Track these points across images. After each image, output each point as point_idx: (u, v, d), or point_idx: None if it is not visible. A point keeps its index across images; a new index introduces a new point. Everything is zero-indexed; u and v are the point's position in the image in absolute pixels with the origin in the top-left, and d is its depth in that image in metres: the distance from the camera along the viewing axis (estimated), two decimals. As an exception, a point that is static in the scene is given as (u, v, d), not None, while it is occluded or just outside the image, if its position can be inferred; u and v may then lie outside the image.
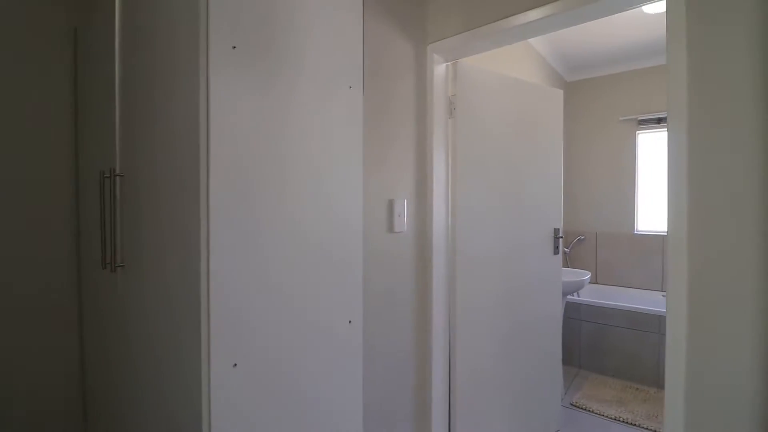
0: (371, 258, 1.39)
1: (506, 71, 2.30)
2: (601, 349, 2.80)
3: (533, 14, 1.36)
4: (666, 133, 3.08)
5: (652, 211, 3.21)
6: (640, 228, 3.24)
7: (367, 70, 1.35)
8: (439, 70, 1.68)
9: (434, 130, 1.66)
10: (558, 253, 2.15)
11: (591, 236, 3.42)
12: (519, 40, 1.58)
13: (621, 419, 2.23)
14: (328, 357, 1.08)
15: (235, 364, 0.87)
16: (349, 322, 1.19)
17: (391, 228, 1.49)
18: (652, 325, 2.61)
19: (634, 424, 2.19)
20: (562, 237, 2.17)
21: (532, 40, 2.77)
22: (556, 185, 2.14)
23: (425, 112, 1.66)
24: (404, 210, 1.54)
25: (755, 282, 1.00)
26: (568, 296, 2.89)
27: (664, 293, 3.03)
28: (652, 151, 3.19)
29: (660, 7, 2.15)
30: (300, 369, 1.01)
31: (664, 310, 2.69)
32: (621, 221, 3.28)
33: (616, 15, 2.49)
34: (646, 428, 2.15)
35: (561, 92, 2.15)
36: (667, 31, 1.11)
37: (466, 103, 1.75)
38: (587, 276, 2.52)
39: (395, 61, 1.51)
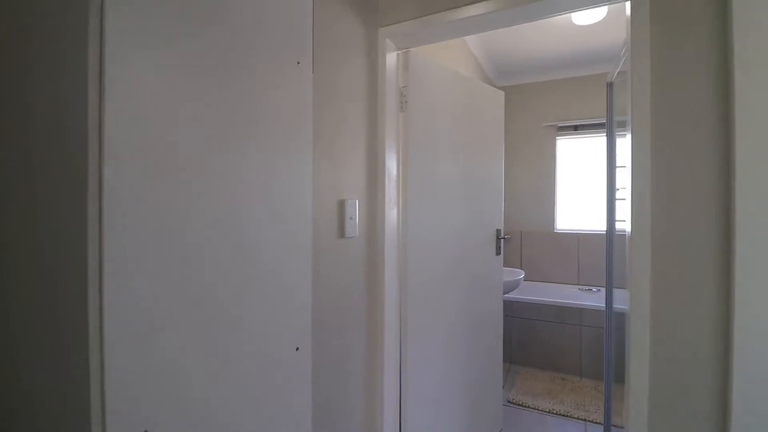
0: (320, 270, 1.19)
1: (449, 69, 2.25)
2: (530, 344, 2.93)
3: (489, 5, 1.29)
4: (581, 139, 3.25)
5: (569, 211, 3.47)
6: (559, 226, 3.48)
7: (314, 48, 1.14)
8: (391, 58, 1.53)
9: (386, 123, 1.51)
10: (500, 253, 2.16)
11: (516, 235, 3.59)
12: (473, 32, 1.51)
13: (554, 411, 2.32)
14: (271, 396, 0.87)
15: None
16: (297, 349, 0.99)
17: (342, 233, 1.30)
18: (575, 317, 2.79)
19: (566, 415, 2.29)
20: (504, 237, 2.18)
21: (470, 43, 2.78)
22: (498, 186, 2.14)
23: (376, 103, 1.50)
24: (356, 212, 1.36)
25: (713, 277, 1.03)
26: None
27: (581, 287, 3.29)
28: (569, 156, 3.45)
29: (589, 19, 2.27)
30: (235, 416, 0.78)
31: (586, 303, 2.93)
32: (543, 220, 3.49)
33: (547, 25, 2.62)
34: (577, 418, 2.26)
35: (503, 93, 2.15)
36: (632, 43, 1.11)
37: (418, 97, 1.63)
38: (522, 275, 2.60)
39: (345, 42, 1.33)
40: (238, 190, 0.79)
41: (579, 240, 3.35)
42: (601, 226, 3.36)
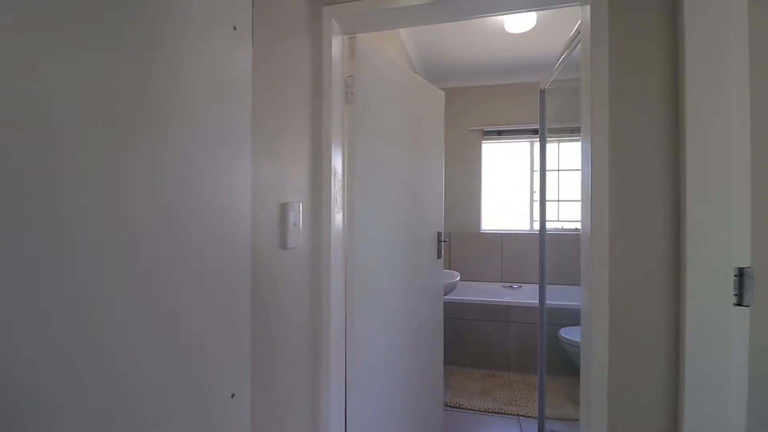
0: (260, 289, 0.97)
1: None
2: (461, 343, 2.97)
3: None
4: (504, 143, 3.39)
5: (493, 212, 3.62)
6: (484, 227, 3.61)
7: (253, 18, 0.92)
8: (337, 42, 1.35)
9: (332, 115, 1.32)
10: (440, 257, 2.11)
11: (445, 236, 3.64)
12: (426, 22, 1.40)
13: (490, 410, 2.36)
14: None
15: None
16: (232, 396, 0.78)
17: (284, 243, 1.09)
18: (502, 314, 2.90)
19: (501, 413, 2.34)
20: (445, 241, 2.13)
21: (405, 42, 2.70)
22: (439, 187, 2.09)
23: (321, 91, 1.31)
24: (300, 217, 1.16)
25: (665, 276, 1.06)
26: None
27: (504, 284, 3.45)
28: (493, 159, 3.60)
29: (521, 27, 2.34)
30: None
31: (515, 300, 3.06)
32: (469, 221, 3.59)
33: (479, 31, 2.67)
34: (511, 414, 2.32)
35: (443, 94, 2.10)
36: (591, 52, 1.09)
37: (365, 89, 1.48)
38: (458, 277, 2.61)
39: (286, 17, 1.11)
40: (149, 195, 0.56)
41: (503, 239, 3.52)
42: (522, 225, 3.57)
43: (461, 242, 3.61)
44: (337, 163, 1.37)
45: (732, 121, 0.98)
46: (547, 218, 2.03)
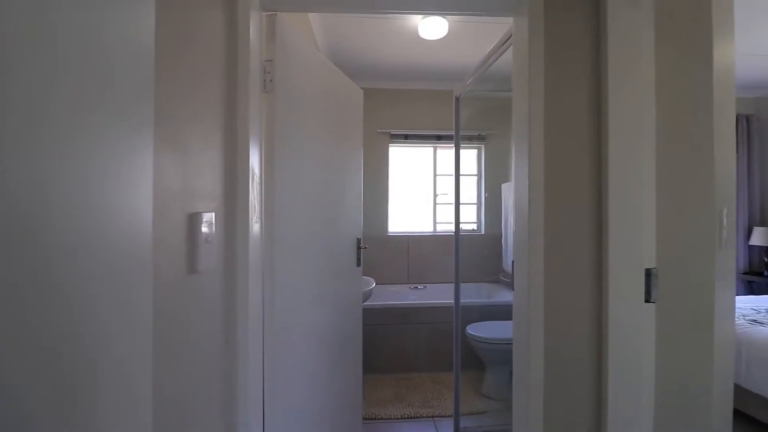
0: (163, 336, 0.72)
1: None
2: (373, 349, 2.91)
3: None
4: (410, 147, 3.45)
5: (399, 214, 3.66)
6: (391, 229, 3.63)
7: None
8: (254, 18, 1.13)
9: (249, 106, 1.10)
10: (360, 264, 2.00)
11: (353, 239, 3.55)
12: (352, 8, 1.27)
13: (405, 416, 2.34)
14: None
15: None
16: None
17: (193, 265, 0.84)
18: (411, 316, 2.93)
19: (416, 417, 2.34)
20: (365, 247, 2.03)
21: (316, 33, 2.51)
22: (358, 190, 1.98)
23: (236, 76, 1.07)
24: (213, 231, 0.92)
25: (590, 278, 1.14)
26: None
27: (410, 285, 3.51)
28: (399, 163, 3.64)
29: (434, 34, 2.36)
30: None
31: (422, 301, 3.12)
32: (377, 224, 3.57)
33: (395, 34, 2.63)
34: (426, 416, 2.34)
35: (362, 92, 2.00)
36: (529, 64, 1.11)
37: (285, 76, 1.28)
38: (373, 284, 2.53)
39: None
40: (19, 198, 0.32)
41: (409, 241, 3.58)
42: (426, 227, 3.68)
43: (369, 246, 3.56)
44: (255, 162, 1.15)
45: (643, 145, 1.09)
46: (446, 220, 2.10)
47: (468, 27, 2.44)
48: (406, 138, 3.50)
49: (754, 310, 2.51)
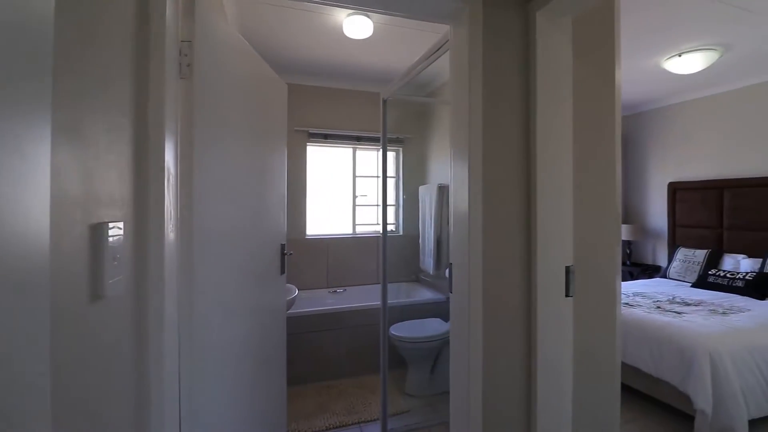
0: (63, 381, 0.55)
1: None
2: (295, 359, 2.76)
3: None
4: (329, 148, 3.38)
5: (317, 217, 3.54)
6: (309, 232, 3.49)
7: None
8: (170, -11, 0.95)
9: (164, 91, 0.92)
10: (284, 272, 1.86)
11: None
12: None
13: (331, 427, 2.26)
14: None
15: None
16: None
17: (98, 289, 0.66)
18: (333, 322, 2.85)
19: (341, 426, 2.28)
20: (290, 254, 1.89)
21: (230, 20, 2.26)
22: (282, 192, 1.84)
23: (148, 56, 0.89)
24: (122, 245, 0.74)
25: (521, 276, 1.21)
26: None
27: (329, 290, 3.42)
28: (317, 163, 3.52)
29: (359, 34, 2.33)
30: None
31: (343, 306, 3.04)
32: (295, 227, 3.40)
33: (317, 29, 2.51)
34: (351, 424, 2.29)
35: (286, 86, 1.86)
36: (469, 74, 1.14)
37: (206, 61, 1.12)
38: (296, 292, 2.39)
39: None
40: None
41: (328, 245, 3.48)
42: (345, 230, 3.62)
43: (288, 250, 3.37)
44: (170, 159, 0.97)
45: (565, 156, 1.21)
46: (365, 221, 2.09)
47: (393, 30, 2.45)
48: (326, 138, 3.40)
49: (624, 294, 3.01)
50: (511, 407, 1.21)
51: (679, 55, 2.76)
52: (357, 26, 2.25)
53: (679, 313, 2.58)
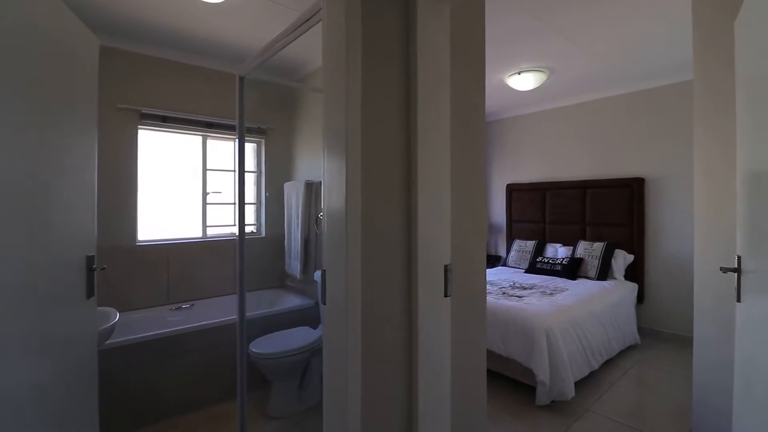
0: None
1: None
2: (123, 399, 2.14)
3: None
4: (169, 134, 2.84)
5: (153, 219, 2.89)
6: (141, 238, 2.81)
7: None
8: None
9: None
10: (93, 294, 1.37)
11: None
12: None
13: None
14: None
15: None
16: None
17: None
18: (177, 345, 2.33)
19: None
20: (103, 268, 1.40)
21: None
22: (90, 184, 1.34)
23: None
24: None
25: (402, 277, 1.09)
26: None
27: (172, 306, 2.84)
28: (153, 152, 2.87)
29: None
30: None
31: (189, 325, 2.50)
32: (120, 232, 2.69)
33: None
34: (202, 470, 1.88)
35: (98, 42, 1.36)
36: (347, 60, 0.95)
37: None
38: (116, 317, 1.83)
39: None
40: None
41: (168, 252, 2.86)
42: (193, 233, 3.05)
43: (109, 261, 2.63)
44: None
45: (445, 153, 1.13)
46: (218, 222, 1.76)
47: (247, 2, 2.11)
48: (164, 120, 2.78)
49: (476, 285, 3.30)
50: (392, 414, 1.07)
51: (519, 73, 3.15)
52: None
53: (520, 297, 2.94)
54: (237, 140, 1.72)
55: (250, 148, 3.35)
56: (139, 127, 2.73)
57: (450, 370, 1.17)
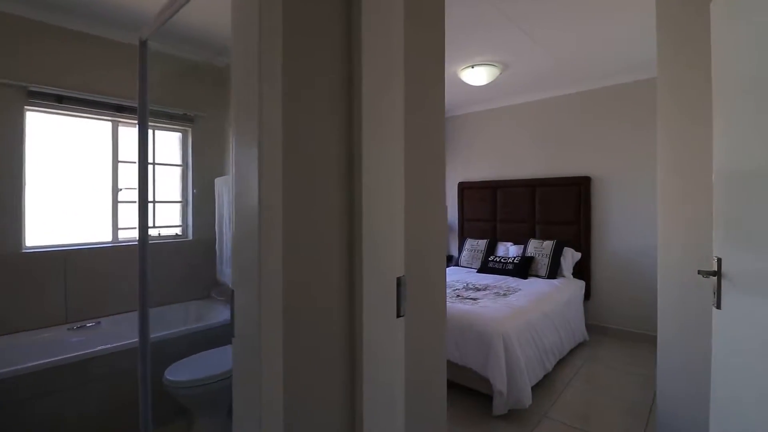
0: None
1: None
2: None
3: None
4: (73, 118, 2.38)
5: (48, 220, 2.38)
6: (31, 243, 2.30)
7: None
8: None
9: None
10: None
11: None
12: None
13: None
14: None
15: None
16: None
17: None
18: (77, 374, 1.89)
19: None
20: None
21: None
22: None
23: None
24: None
25: (343, 289, 0.84)
26: None
27: (73, 326, 2.36)
28: (47, 139, 2.36)
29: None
30: None
31: (92, 349, 2.03)
32: (1, 235, 2.17)
33: None
34: None
35: None
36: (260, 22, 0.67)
37: None
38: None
39: None
40: None
41: (67, 259, 2.37)
42: (102, 236, 2.56)
43: (-20, 273, 2.11)
44: None
45: (398, 139, 0.90)
46: (133, 224, 1.41)
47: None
48: (60, 101, 2.28)
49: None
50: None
51: (472, 67, 3.02)
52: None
53: (474, 299, 2.81)
54: (138, 122, 1.37)
55: (174, 137, 2.91)
56: (27, 108, 2.22)
57: (404, 401, 0.94)
